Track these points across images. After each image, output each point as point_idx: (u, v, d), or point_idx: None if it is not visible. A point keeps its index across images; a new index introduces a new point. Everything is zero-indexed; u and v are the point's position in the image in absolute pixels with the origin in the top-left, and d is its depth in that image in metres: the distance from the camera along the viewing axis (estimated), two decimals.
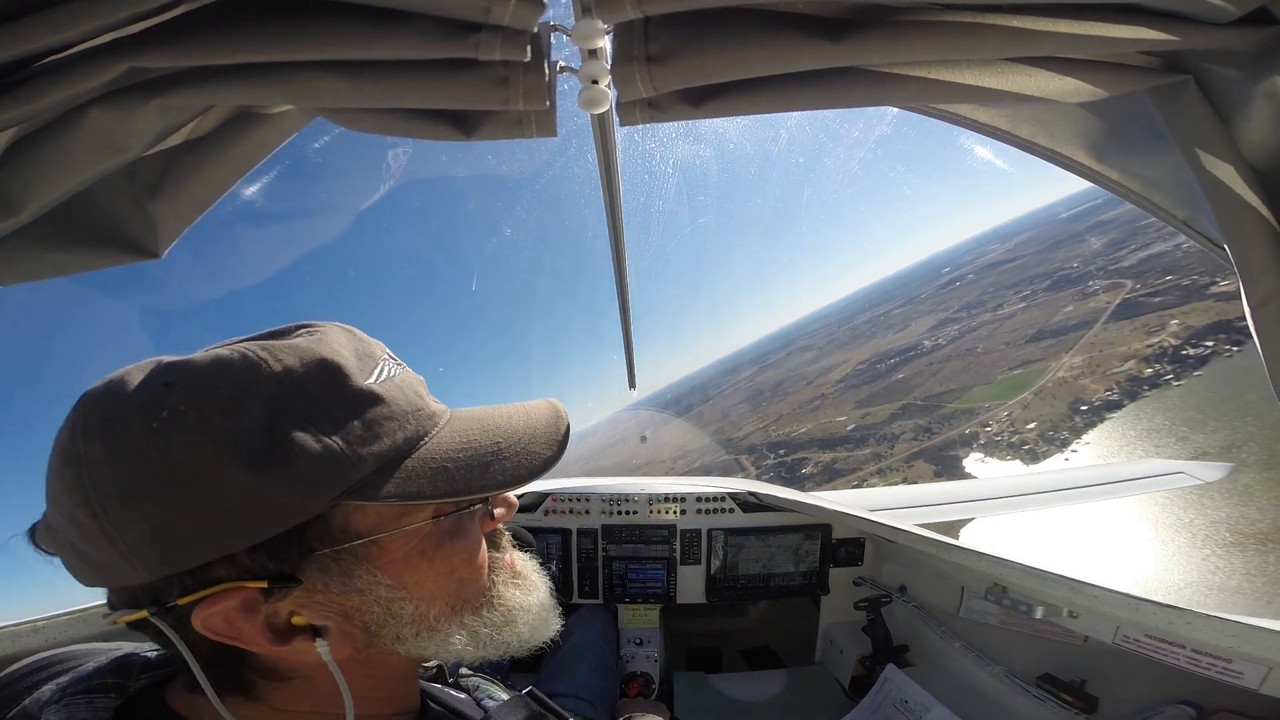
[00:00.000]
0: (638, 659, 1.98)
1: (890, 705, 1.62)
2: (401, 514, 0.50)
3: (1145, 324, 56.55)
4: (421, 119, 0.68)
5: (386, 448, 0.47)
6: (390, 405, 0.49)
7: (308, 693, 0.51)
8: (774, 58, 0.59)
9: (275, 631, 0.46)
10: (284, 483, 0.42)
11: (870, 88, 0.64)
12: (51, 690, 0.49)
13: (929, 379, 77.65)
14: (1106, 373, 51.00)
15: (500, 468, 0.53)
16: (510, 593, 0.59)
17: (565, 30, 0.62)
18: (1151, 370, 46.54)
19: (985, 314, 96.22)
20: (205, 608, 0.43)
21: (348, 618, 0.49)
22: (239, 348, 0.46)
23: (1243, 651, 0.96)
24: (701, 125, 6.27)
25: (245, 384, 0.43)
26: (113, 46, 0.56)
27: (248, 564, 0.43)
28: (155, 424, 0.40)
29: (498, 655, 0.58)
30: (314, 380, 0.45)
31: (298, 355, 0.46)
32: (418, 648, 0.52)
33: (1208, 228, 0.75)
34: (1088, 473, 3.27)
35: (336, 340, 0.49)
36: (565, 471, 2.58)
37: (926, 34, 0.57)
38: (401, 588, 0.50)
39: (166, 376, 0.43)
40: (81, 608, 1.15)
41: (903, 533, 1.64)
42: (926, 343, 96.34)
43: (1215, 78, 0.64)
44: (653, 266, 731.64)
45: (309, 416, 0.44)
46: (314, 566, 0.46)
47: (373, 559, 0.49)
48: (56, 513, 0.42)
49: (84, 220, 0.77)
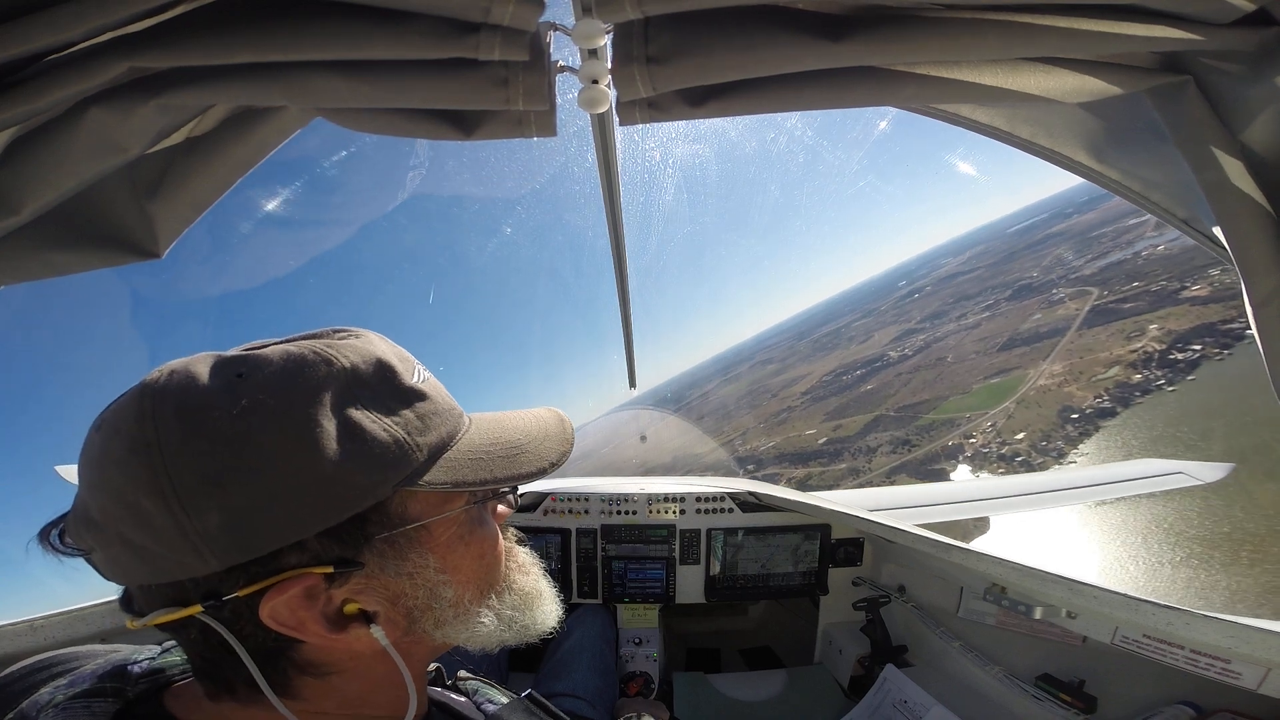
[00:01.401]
0: (637, 659, 1.98)
1: (889, 705, 1.62)
2: (445, 501, 0.54)
3: (1122, 329, 55.94)
4: (421, 119, 0.68)
5: (435, 439, 0.51)
6: (434, 402, 0.53)
7: (340, 690, 0.52)
8: (774, 58, 0.59)
9: (331, 620, 0.47)
10: (358, 467, 0.44)
11: (870, 88, 0.64)
12: (49, 693, 0.49)
13: (900, 389, 76.83)
14: (1092, 379, 50.29)
15: (526, 459, 0.58)
16: (522, 579, 0.64)
17: (565, 30, 0.62)
18: (1141, 376, 45.98)
19: (949, 324, 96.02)
20: (273, 596, 0.43)
21: (394, 603, 0.51)
22: (304, 345, 0.48)
23: (1241, 652, 0.96)
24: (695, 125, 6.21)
25: (321, 376, 0.45)
26: (113, 46, 0.56)
27: (315, 550, 0.45)
28: (236, 410, 0.41)
29: (516, 640, 0.61)
30: (374, 376, 0.49)
31: (358, 354, 0.49)
32: (454, 632, 0.55)
33: (1208, 227, 0.75)
34: (1087, 472, 3.27)
35: (380, 344, 0.53)
36: (564, 470, 2.57)
37: (926, 34, 0.57)
38: (445, 570, 0.53)
39: (237, 368, 0.44)
40: (78, 608, 1.15)
41: (902, 533, 1.64)
42: (892, 353, 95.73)
43: (1215, 78, 0.64)
44: (652, 265, 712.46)
45: (374, 408, 0.47)
46: (372, 551, 0.48)
47: (423, 543, 0.52)
48: (111, 504, 0.41)
49: (84, 220, 0.77)
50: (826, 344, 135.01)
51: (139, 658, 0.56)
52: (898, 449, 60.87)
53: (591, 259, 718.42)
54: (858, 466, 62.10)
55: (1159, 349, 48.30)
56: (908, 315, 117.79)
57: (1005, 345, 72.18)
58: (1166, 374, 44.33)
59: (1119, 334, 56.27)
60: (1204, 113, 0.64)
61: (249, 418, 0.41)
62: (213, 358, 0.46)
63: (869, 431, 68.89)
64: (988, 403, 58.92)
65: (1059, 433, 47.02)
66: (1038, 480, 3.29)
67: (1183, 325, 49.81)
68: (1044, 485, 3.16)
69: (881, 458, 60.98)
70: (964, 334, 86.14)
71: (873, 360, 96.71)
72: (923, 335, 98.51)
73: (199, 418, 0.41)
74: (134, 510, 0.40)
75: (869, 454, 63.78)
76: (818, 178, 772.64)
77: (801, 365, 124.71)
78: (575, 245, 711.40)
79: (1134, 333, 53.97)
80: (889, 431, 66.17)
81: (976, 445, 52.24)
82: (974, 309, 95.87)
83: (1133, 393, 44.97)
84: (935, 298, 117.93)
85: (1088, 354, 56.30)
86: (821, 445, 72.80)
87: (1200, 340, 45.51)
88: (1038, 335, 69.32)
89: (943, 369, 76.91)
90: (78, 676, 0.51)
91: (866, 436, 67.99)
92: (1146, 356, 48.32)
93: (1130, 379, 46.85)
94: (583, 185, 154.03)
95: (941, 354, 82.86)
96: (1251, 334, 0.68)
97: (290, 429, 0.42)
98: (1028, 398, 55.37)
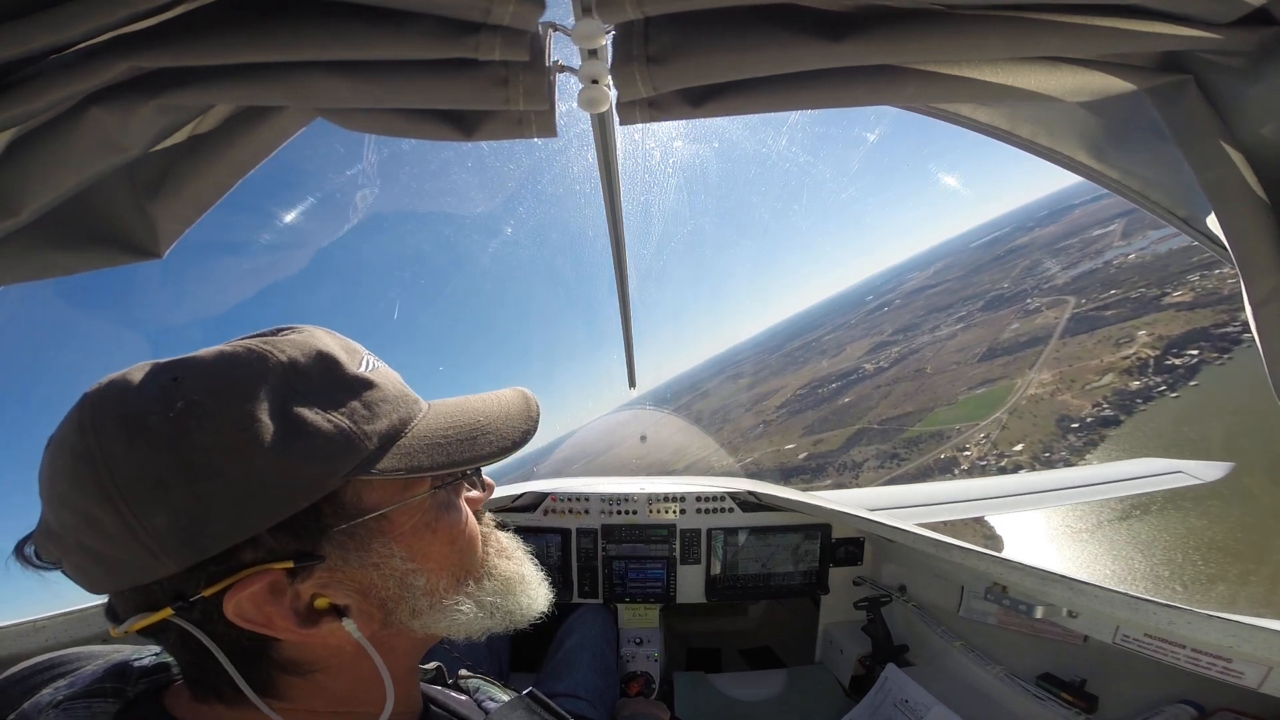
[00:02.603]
0: (638, 658, 1.98)
1: (890, 705, 1.62)
2: (404, 488, 0.53)
3: (1109, 336, 55.33)
4: (421, 119, 0.68)
5: (385, 427, 0.51)
6: (382, 390, 0.53)
7: (325, 687, 0.52)
8: (774, 58, 0.59)
9: (301, 615, 0.47)
10: (302, 459, 0.44)
11: (870, 88, 0.64)
12: (50, 694, 0.49)
13: (880, 402, 76.08)
14: (1085, 387, 49.56)
15: (485, 440, 0.57)
16: (502, 563, 0.64)
17: (565, 30, 0.62)
18: (1139, 383, 45.46)
19: (923, 336, 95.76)
20: (235, 593, 0.44)
21: (365, 596, 0.51)
22: (239, 343, 0.48)
23: (1243, 651, 0.96)
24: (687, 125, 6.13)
25: (256, 372, 0.45)
26: (113, 46, 0.56)
27: (271, 545, 0.45)
28: (172, 414, 0.42)
29: (502, 627, 0.61)
30: (315, 368, 0.49)
31: (297, 348, 0.49)
32: (432, 622, 0.55)
33: (1208, 226, 0.75)
34: (1086, 472, 3.27)
35: (324, 336, 0.53)
36: (564, 470, 2.54)
37: (927, 33, 0.57)
38: (413, 559, 0.53)
39: (171, 372, 0.45)
40: (80, 608, 1.15)
41: (902, 532, 1.64)
42: (867, 366, 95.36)
43: (1215, 77, 0.64)
44: (652, 265, 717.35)
45: (315, 400, 0.47)
46: (332, 544, 0.48)
47: (385, 532, 0.52)
48: (65, 514, 0.42)
49: (84, 220, 0.76)
50: (799, 358, 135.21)
51: (140, 658, 0.56)
52: (885, 463, 60.24)
53: (592, 259, 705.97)
54: (843, 482, 61.39)
55: (1153, 355, 47.94)
56: (879, 328, 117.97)
57: (986, 355, 71.81)
58: (1166, 379, 43.85)
59: (1106, 340, 55.79)
60: (1204, 112, 0.64)
61: (185, 419, 0.42)
62: (149, 365, 0.46)
63: (852, 445, 68.49)
64: (976, 414, 58.08)
65: (1060, 442, 46.56)
66: (1038, 480, 3.29)
67: (1173, 330, 49.49)
68: (1044, 485, 3.16)
69: (869, 473, 60.36)
70: (940, 345, 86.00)
71: (848, 373, 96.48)
72: (897, 347, 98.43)
73: (136, 423, 0.42)
74: (86, 518, 0.41)
75: (854, 469, 63.18)
76: (771, 202, 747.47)
77: (774, 379, 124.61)
78: (575, 245, 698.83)
79: (1123, 339, 53.46)
80: (874, 445, 65.49)
81: (972, 458, 51.49)
82: (947, 320, 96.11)
83: (1134, 400, 44.51)
84: (906, 311, 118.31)
85: (1076, 361, 55.81)
86: (803, 460, 72.29)
87: (1196, 345, 45.12)
88: (1018, 344, 69.09)
89: (923, 380, 76.37)
90: (78, 677, 0.51)
91: (850, 451, 67.50)
92: (1141, 363, 47.84)
93: (1128, 386, 46.32)
94: (583, 185, 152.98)
95: (920, 365, 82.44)
96: (1250, 336, 0.68)
97: (227, 427, 0.42)
98: (1019, 408, 54.61)
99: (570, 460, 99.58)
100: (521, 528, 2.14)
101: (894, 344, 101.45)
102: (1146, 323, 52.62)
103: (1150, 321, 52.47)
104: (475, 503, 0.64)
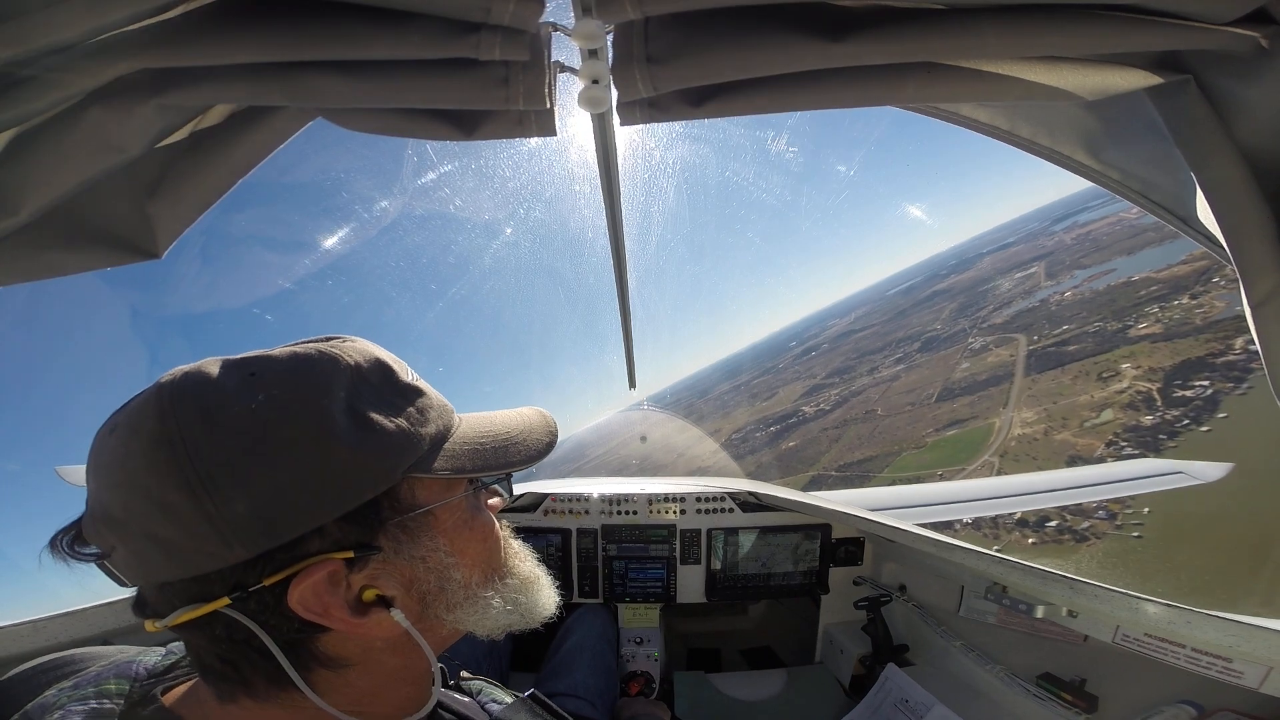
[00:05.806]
0: (638, 658, 1.98)
1: (890, 705, 1.62)
2: (447, 488, 0.57)
3: (1084, 371, 53.24)
4: (422, 119, 0.68)
5: (434, 431, 0.55)
6: (429, 398, 0.57)
7: (353, 684, 0.53)
8: (774, 58, 0.59)
9: (352, 606, 0.49)
10: (370, 454, 0.48)
11: (870, 88, 0.64)
12: (54, 695, 0.50)
13: (831, 445, 73.92)
14: (1085, 424, 47.52)
15: (516, 449, 0.63)
16: (521, 565, 0.68)
17: (565, 30, 0.62)
18: (1152, 418, 43.17)
19: (861, 378, 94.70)
20: (300, 582, 0.45)
21: (408, 589, 0.54)
22: (309, 345, 0.51)
23: (1243, 651, 0.96)
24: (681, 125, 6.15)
25: (330, 373, 0.49)
26: (113, 46, 0.56)
27: (335, 535, 0.48)
28: (254, 405, 0.44)
29: (521, 625, 0.64)
30: (376, 374, 0.53)
31: (360, 354, 0.53)
32: (464, 615, 0.58)
33: (1206, 227, 0.75)
34: (1087, 472, 3.27)
35: (376, 347, 0.56)
36: (564, 470, 2.57)
37: (926, 34, 0.57)
38: (453, 554, 0.57)
39: (248, 368, 0.47)
40: (82, 608, 1.15)
41: (903, 532, 1.64)
42: (806, 409, 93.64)
43: (1215, 78, 0.64)
44: (653, 265, 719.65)
45: (379, 402, 0.51)
46: (387, 535, 0.51)
47: (432, 527, 0.55)
48: (136, 500, 0.42)
49: (84, 220, 0.76)
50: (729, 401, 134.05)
51: (144, 659, 0.56)
52: None
53: (592, 259, 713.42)
54: None
55: (1154, 388, 46.27)
56: (811, 371, 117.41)
57: (943, 395, 70.11)
58: (1185, 413, 41.92)
59: (1084, 376, 53.64)
60: (1204, 112, 0.64)
61: (266, 411, 0.44)
62: (221, 360, 0.48)
63: None
64: (956, 457, 55.86)
65: None
66: (1038, 480, 3.29)
67: (1163, 362, 48.00)
68: (1044, 485, 3.16)
69: None
70: (885, 386, 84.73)
71: (786, 416, 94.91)
72: (835, 390, 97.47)
73: (217, 413, 0.43)
74: (160, 505, 0.41)
75: None
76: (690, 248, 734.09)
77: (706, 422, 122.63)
78: (575, 245, 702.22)
79: (1106, 374, 51.45)
80: (836, 492, 64.66)
81: None
82: (884, 362, 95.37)
83: (1155, 435, 42.55)
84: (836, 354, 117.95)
85: (1059, 398, 53.83)
86: None
87: (1202, 376, 43.01)
88: (978, 384, 67.83)
89: (876, 422, 74.77)
90: (83, 678, 0.52)
91: None
92: (1143, 396, 46.42)
93: (1140, 421, 44.24)
94: (583, 185, 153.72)
95: (867, 407, 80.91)
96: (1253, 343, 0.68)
97: (306, 420, 0.45)
98: (1008, 449, 52.96)
99: (568, 460, 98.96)
100: (522, 528, 2.14)
101: (830, 386, 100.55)
102: (1123, 355, 51.20)
103: (1127, 355, 51.07)
104: (494, 509, 0.67)
